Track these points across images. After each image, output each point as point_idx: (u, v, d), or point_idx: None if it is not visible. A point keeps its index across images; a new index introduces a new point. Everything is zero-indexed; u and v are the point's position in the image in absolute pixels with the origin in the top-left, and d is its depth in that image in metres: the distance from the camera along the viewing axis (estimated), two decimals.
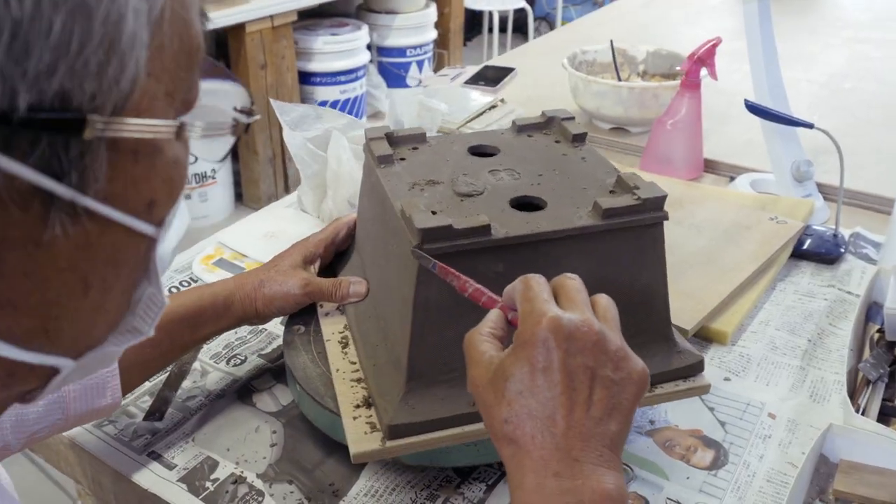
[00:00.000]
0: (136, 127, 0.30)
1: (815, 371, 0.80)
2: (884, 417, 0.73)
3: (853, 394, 0.75)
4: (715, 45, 1.15)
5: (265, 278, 0.73)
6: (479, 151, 0.74)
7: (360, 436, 0.61)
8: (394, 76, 3.38)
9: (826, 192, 1.13)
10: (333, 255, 0.81)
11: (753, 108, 1.03)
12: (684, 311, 0.81)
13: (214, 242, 1.01)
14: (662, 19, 2.08)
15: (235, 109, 0.38)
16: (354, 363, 0.68)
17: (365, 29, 3.12)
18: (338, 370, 0.68)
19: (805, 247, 0.98)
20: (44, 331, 0.32)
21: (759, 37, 1.05)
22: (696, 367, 0.67)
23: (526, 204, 0.65)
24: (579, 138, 0.75)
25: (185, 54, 0.33)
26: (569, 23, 4.51)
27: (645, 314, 0.65)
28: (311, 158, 1.00)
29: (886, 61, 1.73)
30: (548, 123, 0.78)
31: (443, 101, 1.26)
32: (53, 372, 0.34)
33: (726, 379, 0.79)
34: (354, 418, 0.62)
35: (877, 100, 1.51)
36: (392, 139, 0.73)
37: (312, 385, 0.68)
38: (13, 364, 0.31)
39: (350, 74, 3.03)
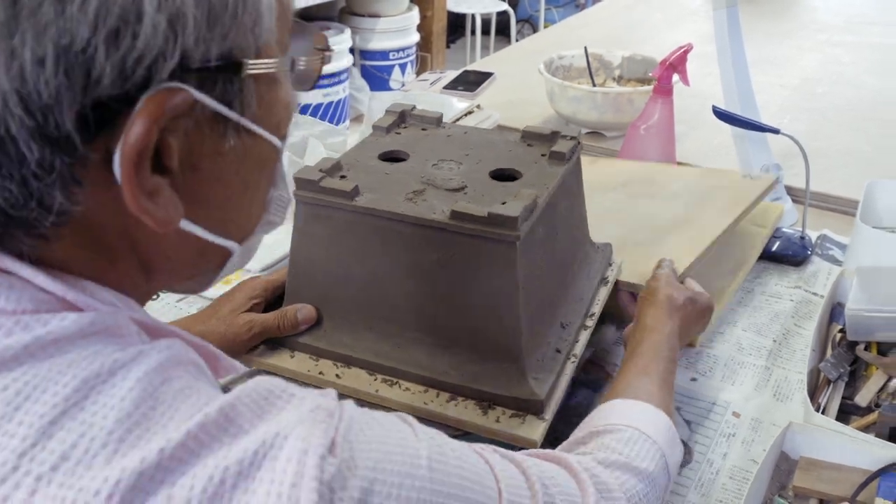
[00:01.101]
0: (269, 65, 0.41)
1: (779, 370, 0.82)
2: (843, 415, 0.76)
3: (814, 392, 0.78)
4: (686, 52, 1.17)
5: (205, 331, 0.71)
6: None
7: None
8: (377, 79, 3.39)
9: (795, 194, 1.16)
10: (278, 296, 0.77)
11: (721, 114, 1.05)
12: None
13: None
14: (643, 22, 2.11)
15: (317, 48, 0.49)
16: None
17: (347, 32, 3.12)
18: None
19: (773, 249, 1.00)
20: (224, 221, 0.43)
21: (727, 44, 1.07)
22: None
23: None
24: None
25: (286, 13, 0.43)
26: (552, 24, 4.55)
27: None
28: (289, 165, 1.02)
29: (858, 65, 1.76)
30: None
31: (421, 106, 1.27)
32: (226, 255, 0.45)
33: (693, 379, 0.81)
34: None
35: (847, 104, 1.54)
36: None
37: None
38: (206, 245, 0.43)
39: (333, 78, 3.03)
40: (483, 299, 0.63)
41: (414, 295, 0.66)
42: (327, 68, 3.23)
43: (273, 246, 0.99)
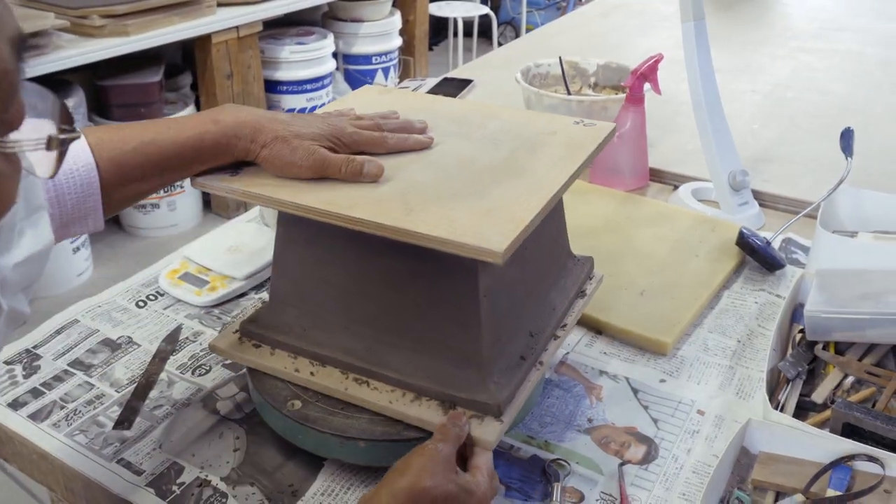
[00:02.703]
0: None
1: (742, 370, 0.86)
2: (802, 412, 0.80)
3: (774, 390, 0.82)
4: (657, 62, 1.21)
5: (279, 136, 0.68)
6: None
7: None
8: (360, 83, 3.42)
9: (762, 199, 1.20)
10: None
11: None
12: (498, 233, 0.62)
13: (180, 257, 1.05)
14: (619, 29, 2.15)
15: (58, 128, 0.39)
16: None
17: (330, 37, 3.16)
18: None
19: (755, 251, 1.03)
20: None
21: (695, 55, 1.11)
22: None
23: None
24: None
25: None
26: (533, 27, 4.58)
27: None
28: None
29: (828, 72, 1.81)
30: None
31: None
32: None
33: (662, 381, 0.85)
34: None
35: (817, 109, 1.59)
36: None
37: (272, 393, 0.73)
38: None
39: (316, 83, 3.08)
40: (448, 309, 0.67)
41: (387, 301, 0.69)
42: (311, 73, 3.28)
43: (259, 253, 1.02)
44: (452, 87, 1.69)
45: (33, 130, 0.37)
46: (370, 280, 0.70)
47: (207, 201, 2.98)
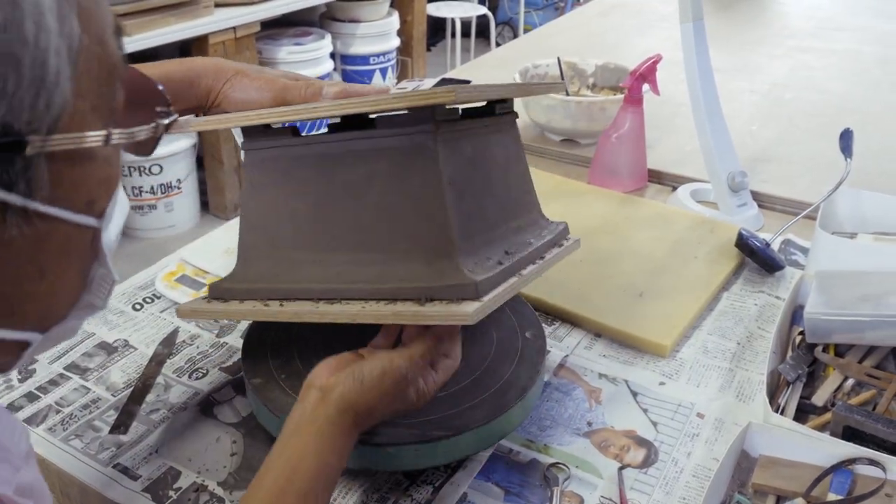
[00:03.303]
0: (69, 140, 0.36)
1: (742, 372, 0.86)
2: (802, 414, 0.79)
3: (775, 393, 0.81)
4: (655, 62, 1.20)
5: (241, 71, 0.72)
6: None
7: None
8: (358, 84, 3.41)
9: (761, 200, 1.20)
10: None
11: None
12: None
13: (177, 259, 1.04)
14: (617, 28, 2.15)
15: (157, 111, 0.44)
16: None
17: (328, 38, 3.16)
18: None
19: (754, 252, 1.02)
20: (11, 313, 0.39)
21: (694, 55, 1.11)
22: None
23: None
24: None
25: (105, 73, 0.39)
26: (531, 27, 4.58)
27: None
28: None
29: (825, 71, 1.81)
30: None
31: None
32: (25, 345, 0.41)
33: (661, 383, 0.85)
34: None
35: (815, 108, 1.59)
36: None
37: (269, 396, 0.72)
38: None
39: None
40: (413, 204, 0.65)
41: (352, 217, 0.69)
42: (308, 73, 3.29)
43: None
44: None
45: (133, 115, 0.42)
46: (335, 200, 0.70)
47: (205, 202, 2.98)
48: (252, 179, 0.75)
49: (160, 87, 0.45)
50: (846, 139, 1.08)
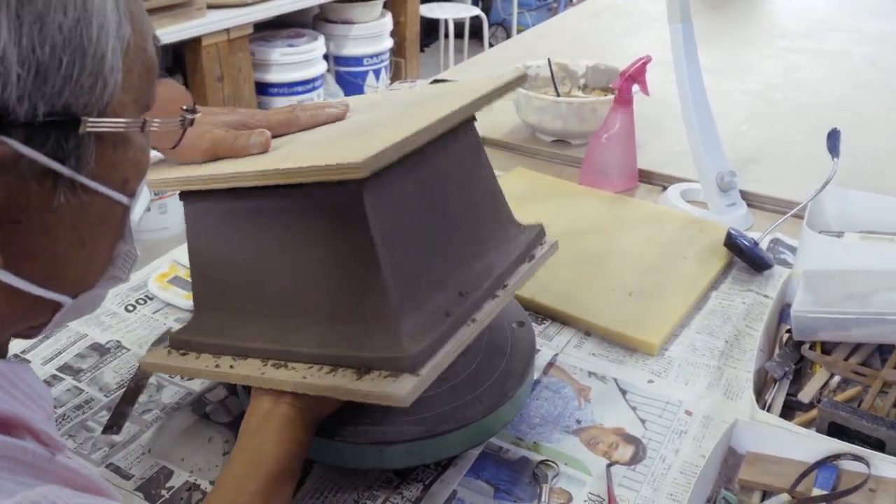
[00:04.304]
0: (114, 124, 0.43)
1: (730, 370, 0.87)
2: (789, 411, 0.80)
3: (761, 390, 0.82)
4: (645, 64, 1.21)
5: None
6: None
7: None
8: (351, 85, 3.42)
9: (750, 199, 1.21)
10: None
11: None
12: (362, 151, 0.60)
13: (169, 260, 1.05)
14: (608, 29, 2.16)
15: (182, 109, 0.51)
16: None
17: (321, 39, 3.16)
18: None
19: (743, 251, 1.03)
20: (55, 275, 0.44)
21: (683, 57, 1.12)
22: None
23: None
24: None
25: (146, 71, 0.46)
26: (524, 27, 4.59)
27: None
28: None
29: (816, 71, 1.82)
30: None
31: None
32: (56, 307, 0.46)
33: (650, 381, 0.85)
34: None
35: (805, 109, 1.60)
36: None
37: None
38: (34, 299, 0.44)
39: (307, 84, 3.08)
40: (349, 265, 0.62)
41: (292, 273, 0.67)
42: (302, 75, 3.30)
43: None
44: None
45: (162, 112, 0.48)
46: (273, 257, 0.68)
47: None
48: (193, 229, 0.73)
49: (185, 90, 0.53)
50: (833, 139, 1.09)
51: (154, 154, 0.69)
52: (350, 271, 0.63)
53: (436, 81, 1.73)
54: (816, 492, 0.67)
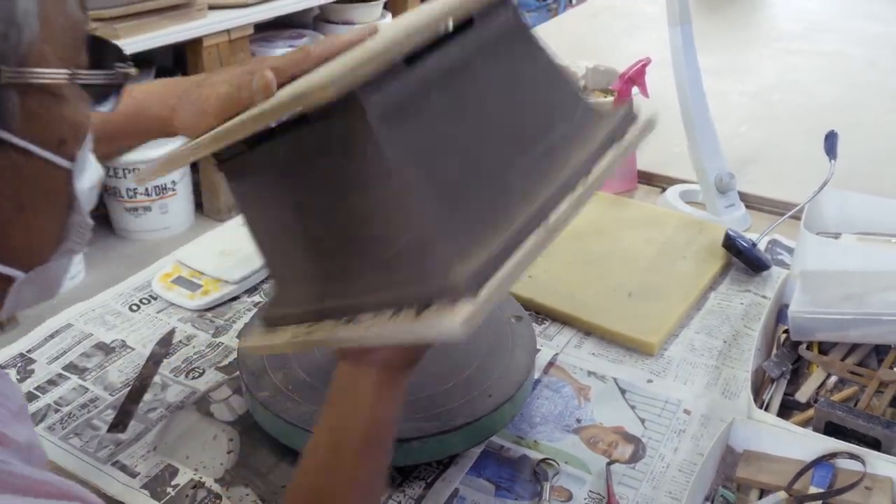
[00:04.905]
0: (36, 75, 0.41)
1: (728, 370, 0.88)
2: (786, 411, 0.81)
3: (759, 389, 0.83)
4: (644, 66, 1.22)
5: (186, 89, 0.68)
6: None
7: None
8: None
9: (748, 201, 1.22)
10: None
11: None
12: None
13: (173, 261, 1.06)
14: (608, 30, 2.17)
15: (117, 64, 0.48)
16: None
17: (321, 39, 3.16)
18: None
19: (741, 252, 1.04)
20: None
21: (682, 59, 1.13)
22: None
23: None
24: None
25: (69, 27, 0.43)
26: None
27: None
28: None
29: (813, 73, 1.83)
30: None
31: None
32: (10, 281, 0.44)
33: (649, 381, 0.86)
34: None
35: (803, 110, 1.61)
36: None
37: (265, 395, 0.74)
38: None
39: None
40: (375, 192, 0.55)
41: (334, 222, 0.60)
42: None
43: (251, 257, 1.02)
44: None
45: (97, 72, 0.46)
46: (309, 207, 0.62)
47: (199, 203, 2.99)
48: (241, 203, 0.68)
49: (121, 48, 0.48)
50: (831, 141, 1.10)
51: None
52: (379, 199, 0.55)
53: None
54: (813, 490, 0.68)
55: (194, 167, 2.90)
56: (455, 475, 0.74)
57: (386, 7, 3.56)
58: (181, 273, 1.03)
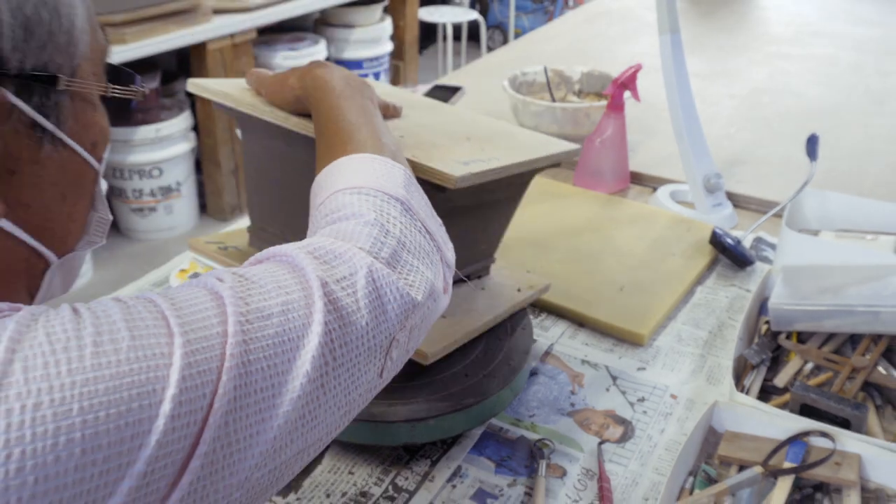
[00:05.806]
0: (84, 85, 0.48)
1: (712, 358, 0.94)
2: (766, 395, 0.87)
3: (741, 376, 0.89)
4: (636, 72, 1.28)
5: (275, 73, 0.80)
6: None
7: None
8: None
9: (735, 200, 1.28)
10: None
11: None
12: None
13: (189, 257, 1.11)
14: (602, 35, 2.23)
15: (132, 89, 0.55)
16: None
17: (322, 43, 3.23)
18: None
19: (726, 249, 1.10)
20: (43, 228, 0.48)
21: (671, 65, 1.19)
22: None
23: None
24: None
25: (101, 52, 0.51)
26: (521, 30, 4.66)
27: None
28: None
29: (802, 76, 1.89)
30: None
31: None
32: (45, 266, 0.50)
33: (639, 368, 0.92)
34: None
35: (791, 112, 1.67)
36: None
37: None
38: (29, 252, 0.48)
39: None
40: None
41: (299, 188, 0.73)
42: None
43: None
44: (443, 94, 1.76)
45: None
46: (300, 171, 0.75)
47: (203, 205, 3.04)
48: (244, 147, 0.86)
49: (133, 73, 0.55)
50: (812, 144, 1.16)
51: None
52: None
53: (436, 88, 1.80)
54: (787, 465, 0.74)
55: (198, 168, 2.95)
56: (458, 454, 0.80)
57: (385, 10, 3.62)
58: (198, 269, 1.08)
